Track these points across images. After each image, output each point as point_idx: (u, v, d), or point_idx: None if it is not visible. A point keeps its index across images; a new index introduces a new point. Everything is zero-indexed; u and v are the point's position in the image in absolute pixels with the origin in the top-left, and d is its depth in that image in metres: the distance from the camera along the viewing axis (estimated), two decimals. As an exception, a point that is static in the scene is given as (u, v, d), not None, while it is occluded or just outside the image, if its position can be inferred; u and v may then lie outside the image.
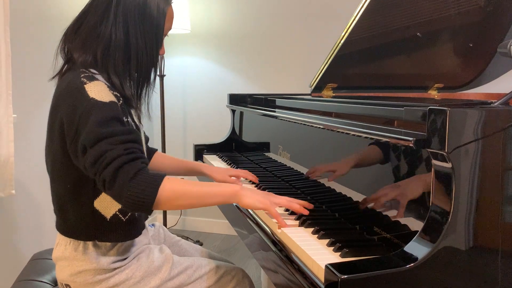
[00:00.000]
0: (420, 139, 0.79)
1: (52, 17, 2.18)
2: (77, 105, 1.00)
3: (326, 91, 1.67)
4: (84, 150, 0.98)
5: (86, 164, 0.97)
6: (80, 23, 1.12)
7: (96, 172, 0.96)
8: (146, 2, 1.10)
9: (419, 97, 1.86)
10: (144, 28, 1.10)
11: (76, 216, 1.11)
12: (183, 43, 3.10)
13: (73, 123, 1.00)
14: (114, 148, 0.95)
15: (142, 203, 0.94)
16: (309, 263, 0.84)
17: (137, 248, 1.19)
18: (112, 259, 1.12)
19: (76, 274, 1.12)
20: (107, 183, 0.94)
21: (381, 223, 0.95)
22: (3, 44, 1.75)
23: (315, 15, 2.82)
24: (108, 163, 0.94)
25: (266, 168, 1.60)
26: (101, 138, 0.95)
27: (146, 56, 1.12)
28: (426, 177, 0.82)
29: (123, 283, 1.13)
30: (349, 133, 1.08)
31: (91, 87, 1.02)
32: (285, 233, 0.97)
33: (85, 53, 1.09)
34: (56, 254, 1.17)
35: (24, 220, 2.05)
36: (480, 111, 0.77)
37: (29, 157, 2.07)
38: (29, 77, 2.05)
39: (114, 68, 1.09)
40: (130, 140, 0.99)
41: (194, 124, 3.19)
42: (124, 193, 0.93)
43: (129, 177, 0.93)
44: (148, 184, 0.94)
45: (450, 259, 0.75)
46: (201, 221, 3.25)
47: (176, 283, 1.17)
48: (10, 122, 1.80)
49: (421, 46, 1.68)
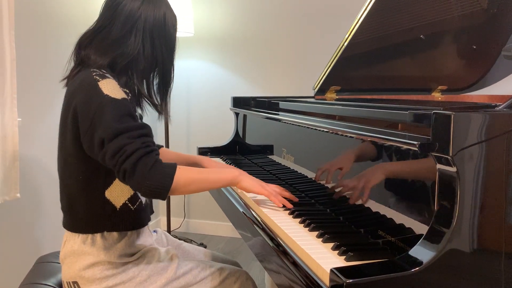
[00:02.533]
0: (424, 143, 0.79)
1: (57, 22, 2.19)
2: (91, 99, 1.09)
3: (329, 94, 1.67)
4: (101, 143, 1.06)
5: (106, 156, 1.05)
6: (97, 34, 1.22)
7: (116, 163, 1.04)
8: (165, 21, 1.26)
9: (422, 99, 1.85)
10: (166, 41, 1.27)
11: (86, 209, 1.16)
12: (187, 46, 3.11)
13: (87, 115, 1.09)
14: (132, 142, 1.04)
15: (160, 191, 1.05)
16: (314, 267, 0.84)
17: (143, 246, 1.23)
18: (119, 251, 1.17)
19: (84, 269, 1.15)
20: (127, 174, 1.03)
21: (386, 226, 0.95)
22: (8, 48, 1.76)
23: (318, 18, 2.82)
24: (128, 156, 1.03)
25: (270, 171, 1.61)
26: (119, 133, 1.05)
27: (168, 64, 1.29)
28: (391, 166, 0.82)
29: (130, 281, 1.16)
30: (353, 136, 1.08)
31: (104, 84, 1.11)
32: (290, 236, 0.97)
33: (102, 58, 1.19)
34: (64, 252, 1.20)
35: (29, 223, 2.06)
36: (484, 114, 0.77)
37: (34, 160, 2.08)
38: (34, 81, 2.06)
39: (140, 77, 1.24)
40: (145, 134, 1.09)
41: (197, 126, 3.19)
42: (144, 183, 1.03)
43: (148, 168, 1.03)
44: (164, 174, 1.05)
45: (454, 263, 0.75)
46: (204, 223, 3.25)
47: (182, 283, 1.20)
48: (15, 125, 1.81)
49: (425, 48, 1.68)
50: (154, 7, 1.24)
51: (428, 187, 0.83)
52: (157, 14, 1.24)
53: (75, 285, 1.17)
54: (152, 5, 1.24)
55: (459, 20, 1.60)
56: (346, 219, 1.09)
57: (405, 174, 0.91)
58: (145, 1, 1.24)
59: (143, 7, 1.23)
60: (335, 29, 2.73)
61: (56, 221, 2.24)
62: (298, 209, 1.15)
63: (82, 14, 2.37)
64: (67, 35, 2.23)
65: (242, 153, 2.00)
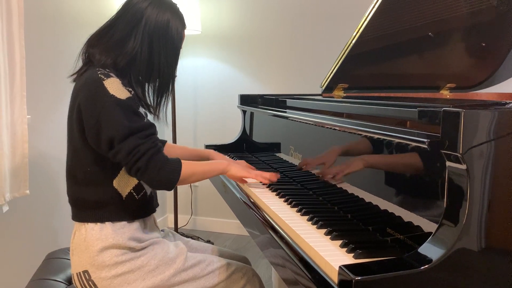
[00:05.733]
0: (434, 140, 0.79)
1: (66, 20, 2.21)
2: (96, 96, 1.14)
3: (337, 92, 1.67)
4: (110, 142, 1.14)
5: (119, 155, 1.14)
6: (105, 33, 1.26)
7: (129, 162, 1.14)
8: (169, 26, 1.26)
9: (431, 97, 1.84)
10: (166, 47, 1.27)
11: (94, 199, 1.21)
12: (194, 44, 3.11)
13: (92, 113, 1.14)
14: (144, 142, 1.15)
15: (169, 184, 1.18)
16: (322, 264, 0.84)
17: (152, 237, 1.27)
18: (128, 235, 1.21)
19: (94, 255, 1.18)
20: (141, 171, 1.14)
21: (394, 224, 0.94)
22: (18, 46, 1.77)
23: (325, 15, 2.81)
24: (142, 155, 1.13)
25: (277, 169, 1.61)
26: (131, 133, 1.13)
27: (166, 71, 1.29)
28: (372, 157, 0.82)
29: (139, 270, 1.19)
30: (362, 134, 1.08)
31: (109, 84, 1.15)
32: (298, 234, 0.98)
33: (106, 57, 1.22)
34: (74, 243, 1.24)
35: (38, 220, 2.08)
36: (494, 112, 0.76)
37: (43, 157, 2.10)
38: (43, 79, 2.07)
39: (136, 78, 1.26)
40: (153, 133, 1.19)
41: (204, 124, 3.20)
42: (156, 178, 1.16)
43: (159, 166, 1.15)
44: (172, 170, 1.18)
45: (463, 261, 0.75)
46: (212, 221, 3.26)
47: (190, 274, 1.24)
48: (24, 123, 1.82)
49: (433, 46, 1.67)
50: (158, 11, 1.25)
51: (436, 184, 0.83)
52: (160, 19, 1.25)
53: (86, 274, 1.19)
54: (157, 9, 1.25)
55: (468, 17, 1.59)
56: (354, 217, 1.09)
57: (413, 172, 0.91)
58: (152, 4, 1.24)
59: (149, 8, 1.24)
60: (343, 27, 2.73)
61: (65, 218, 2.26)
62: (306, 207, 1.15)
63: (92, 13, 2.38)
64: (76, 33, 2.24)
65: (250, 150, 2.00)
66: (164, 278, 1.21)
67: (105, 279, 1.18)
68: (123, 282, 1.18)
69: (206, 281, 1.26)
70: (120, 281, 1.18)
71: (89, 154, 1.20)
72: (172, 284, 1.22)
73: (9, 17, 1.73)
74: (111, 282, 1.18)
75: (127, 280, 1.18)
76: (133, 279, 1.19)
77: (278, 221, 1.11)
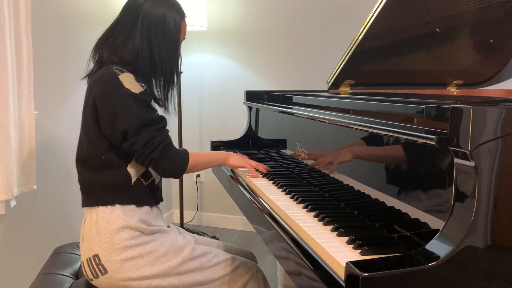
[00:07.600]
0: (442, 137, 0.79)
1: (73, 16, 2.21)
2: (111, 89, 1.20)
3: (343, 88, 1.67)
4: (125, 133, 1.21)
5: (136, 146, 1.21)
6: (109, 35, 1.32)
7: (144, 153, 1.21)
8: (165, 18, 1.30)
9: (438, 94, 1.84)
10: (165, 40, 1.31)
11: (105, 183, 1.25)
12: (200, 40, 3.11)
13: (108, 105, 1.20)
14: (159, 134, 1.23)
15: (179, 173, 1.28)
16: (329, 260, 0.84)
17: (160, 223, 1.31)
18: (137, 218, 1.24)
19: (106, 238, 1.21)
20: (155, 160, 1.22)
21: (401, 221, 0.94)
22: (25, 42, 1.78)
23: (332, 12, 2.80)
24: (156, 146, 1.22)
25: (283, 165, 1.61)
26: (146, 125, 1.21)
27: (168, 63, 1.33)
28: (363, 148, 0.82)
29: (148, 255, 1.23)
30: (368, 131, 1.07)
31: (124, 78, 1.21)
32: (305, 230, 0.98)
33: (114, 55, 1.28)
34: (84, 229, 1.27)
35: (45, 215, 2.09)
36: (502, 109, 0.76)
37: (51, 153, 2.11)
38: (50, 74, 2.08)
39: (142, 74, 1.30)
40: (165, 126, 1.27)
41: (210, 120, 3.20)
42: (168, 168, 1.25)
43: (170, 157, 1.25)
44: (182, 160, 1.28)
45: (471, 258, 0.75)
46: (217, 216, 3.27)
47: (197, 264, 1.28)
48: (31, 118, 1.83)
49: (440, 42, 1.66)
50: (154, 6, 1.29)
51: (444, 181, 0.83)
52: (155, 13, 1.29)
53: (96, 259, 1.22)
54: (153, 3, 1.30)
55: (476, 13, 1.58)
56: (361, 214, 1.09)
57: (420, 169, 0.91)
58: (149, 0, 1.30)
59: (146, 4, 1.29)
60: (349, 23, 2.71)
61: (72, 213, 2.27)
62: (312, 203, 1.15)
63: (99, 10, 2.39)
64: (84, 29, 2.25)
65: (255, 147, 2.00)
66: (172, 266, 1.24)
67: (115, 263, 1.20)
68: (132, 266, 1.21)
69: (212, 273, 1.29)
70: (129, 266, 1.20)
71: (105, 143, 1.25)
72: (179, 272, 1.25)
73: (16, 12, 1.73)
74: (120, 266, 1.20)
75: (136, 265, 1.21)
76: (142, 264, 1.21)
77: (284, 217, 1.11)
